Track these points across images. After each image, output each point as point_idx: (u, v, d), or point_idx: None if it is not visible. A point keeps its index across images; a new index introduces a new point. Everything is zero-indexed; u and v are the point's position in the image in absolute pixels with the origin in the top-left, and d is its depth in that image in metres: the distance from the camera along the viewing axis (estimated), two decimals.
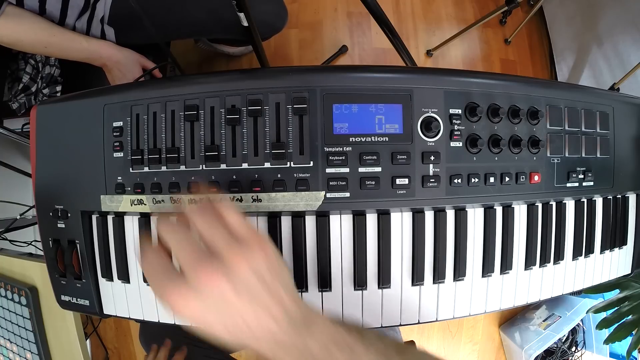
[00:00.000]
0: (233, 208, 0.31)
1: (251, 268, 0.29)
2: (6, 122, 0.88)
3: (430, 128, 0.42)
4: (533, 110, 0.45)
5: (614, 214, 0.55)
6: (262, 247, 0.30)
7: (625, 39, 1.17)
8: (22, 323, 0.64)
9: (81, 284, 0.48)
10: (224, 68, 1.31)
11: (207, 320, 0.28)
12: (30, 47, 0.67)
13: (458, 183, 0.43)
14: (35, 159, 0.47)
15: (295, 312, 0.30)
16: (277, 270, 0.31)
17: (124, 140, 0.43)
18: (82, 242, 0.47)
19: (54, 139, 0.46)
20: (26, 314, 0.63)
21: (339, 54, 1.33)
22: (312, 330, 0.30)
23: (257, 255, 0.30)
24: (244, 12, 0.57)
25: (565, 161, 0.48)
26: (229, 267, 0.28)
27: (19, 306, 0.64)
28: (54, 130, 0.46)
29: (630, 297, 0.78)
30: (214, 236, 0.29)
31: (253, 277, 0.29)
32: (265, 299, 0.29)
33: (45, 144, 0.47)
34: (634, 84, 1.15)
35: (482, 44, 1.44)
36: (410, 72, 0.46)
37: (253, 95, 0.41)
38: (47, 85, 0.82)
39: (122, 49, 0.75)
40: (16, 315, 0.65)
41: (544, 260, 0.49)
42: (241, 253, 0.29)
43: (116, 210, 0.45)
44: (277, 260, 0.31)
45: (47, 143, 0.47)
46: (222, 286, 0.28)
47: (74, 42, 0.69)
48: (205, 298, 0.27)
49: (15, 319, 0.65)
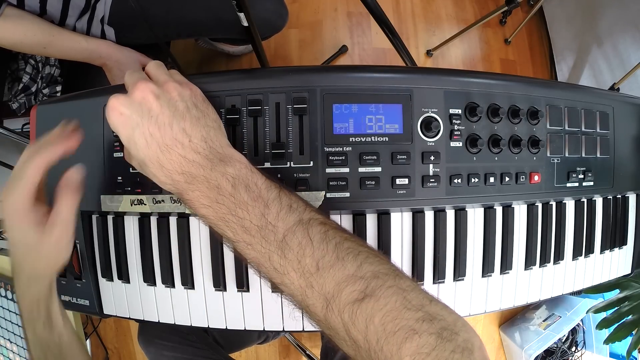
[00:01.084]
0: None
1: (181, 95, 0.33)
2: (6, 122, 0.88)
3: (430, 128, 0.42)
4: (533, 110, 0.45)
5: (614, 214, 0.55)
6: (196, 89, 0.35)
7: (625, 39, 1.17)
8: (22, 323, 0.64)
9: (81, 284, 0.48)
10: (224, 67, 1.31)
11: (131, 128, 0.31)
12: (29, 48, 0.67)
13: (458, 183, 0.43)
14: None
15: (215, 148, 0.32)
16: (206, 112, 0.34)
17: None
18: (82, 242, 0.47)
19: None
20: None
21: (339, 54, 1.33)
22: (226, 168, 0.31)
23: (191, 91, 0.34)
24: (243, 12, 0.57)
25: (565, 161, 0.48)
26: (161, 88, 0.32)
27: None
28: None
29: (630, 297, 0.78)
30: (159, 75, 0.34)
31: (181, 102, 0.32)
32: (186, 123, 0.32)
33: None
34: (634, 84, 1.15)
35: (482, 44, 1.44)
36: (410, 72, 0.46)
37: (253, 95, 0.41)
38: (47, 85, 0.82)
39: (121, 47, 0.75)
40: (16, 316, 0.65)
41: (544, 260, 0.49)
42: (177, 85, 0.33)
43: (116, 210, 0.45)
44: (207, 106, 0.35)
45: None
46: (149, 97, 0.31)
47: (73, 42, 0.69)
48: (133, 103, 0.31)
49: (16, 319, 0.65)
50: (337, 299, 0.25)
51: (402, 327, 0.24)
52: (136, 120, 0.31)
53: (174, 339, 0.63)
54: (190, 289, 0.45)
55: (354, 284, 0.26)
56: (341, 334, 0.25)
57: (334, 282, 0.26)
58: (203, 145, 0.32)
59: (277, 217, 0.29)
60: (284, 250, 0.28)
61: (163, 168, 0.31)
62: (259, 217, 0.29)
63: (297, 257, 0.27)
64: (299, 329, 0.44)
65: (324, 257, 0.27)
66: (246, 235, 0.29)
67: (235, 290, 0.44)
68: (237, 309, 0.44)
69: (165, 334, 0.63)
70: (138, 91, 0.32)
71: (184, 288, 0.45)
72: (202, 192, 0.30)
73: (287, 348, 1.28)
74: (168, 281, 0.45)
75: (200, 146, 0.31)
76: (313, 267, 0.27)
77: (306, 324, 0.44)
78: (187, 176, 0.31)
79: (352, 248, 0.28)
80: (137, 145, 0.31)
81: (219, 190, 0.30)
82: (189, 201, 0.31)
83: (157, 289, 0.46)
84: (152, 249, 0.45)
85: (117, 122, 0.32)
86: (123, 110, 0.31)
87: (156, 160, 0.31)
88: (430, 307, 0.25)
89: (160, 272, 0.45)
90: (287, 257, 0.27)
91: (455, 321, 0.25)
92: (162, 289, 0.46)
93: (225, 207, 0.30)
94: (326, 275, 0.26)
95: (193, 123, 0.32)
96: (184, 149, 0.31)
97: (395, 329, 0.24)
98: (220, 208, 0.30)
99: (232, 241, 0.30)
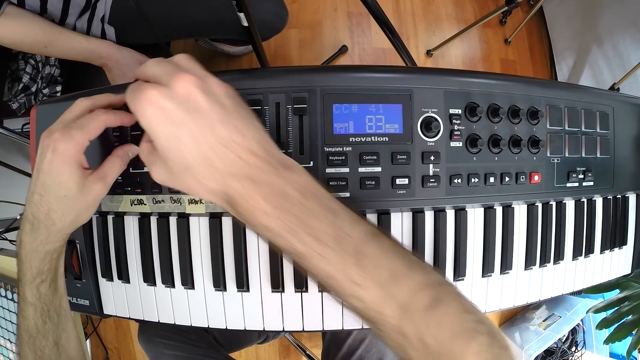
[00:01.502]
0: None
1: (225, 91, 0.29)
2: (6, 122, 0.88)
3: (430, 128, 0.42)
4: (533, 110, 0.45)
5: (614, 214, 0.55)
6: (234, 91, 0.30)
7: (625, 39, 1.17)
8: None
9: (81, 284, 0.48)
10: (224, 67, 1.32)
11: (176, 126, 0.27)
12: (30, 47, 0.67)
13: (458, 183, 0.43)
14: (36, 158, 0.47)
15: (271, 152, 0.29)
16: (250, 112, 0.30)
17: (124, 140, 0.43)
18: (82, 242, 0.47)
19: None
20: None
21: (339, 54, 1.33)
22: (291, 173, 0.28)
23: (231, 88, 0.30)
24: (243, 12, 0.57)
25: (565, 161, 0.48)
26: (203, 78, 0.28)
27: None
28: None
29: (630, 297, 0.78)
30: (193, 68, 0.30)
31: (226, 99, 0.29)
32: (238, 121, 0.28)
33: None
34: (634, 84, 1.15)
35: (482, 44, 1.44)
36: (410, 72, 0.46)
37: (253, 95, 0.41)
38: (47, 85, 0.82)
39: (122, 48, 0.75)
40: (16, 316, 0.65)
41: (544, 260, 0.49)
42: (217, 80, 0.29)
43: (116, 210, 0.45)
44: (247, 106, 0.31)
45: None
46: (195, 90, 0.27)
47: (74, 41, 0.69)
48: (176, 96, 0.27)
49: (16, 319, 0.65)
50: (411, 307, 0.26)
51: (465, 328, 0.26)
52: (181, 117, 0.27)
53: (175, 338, 0.63)
54: (190, 289, 0.45)
55: (425, 291, 0.27)
56: (411, 338, 0.26)
57: (408, 290, 0.27)
58: (259, 147, 0.28)
59: (350, 227, 0.28)
60: (361, 261, 0.27)
61: (214, 171, 0.27)
62: (332, 227, 0.27)
63: (374, 267, 0.27)
64: (299, 329, 0.44)
65: (396, 267, 0.27)
66: (320, 246, 0.27)
67: (235, 290, 0.44)
68: (237, 309, 0.44)
69: (165, 332, 0.63)
70: (181, 83, 0.27)
71: (184, 288, 0.45)
72: (265, 199, 0.27)
73: (287, 348, 1.28)
74: (168, 281, 0.45)
75: (256, 148, 0.28)
76: (389, 277, 0.27)
77: (306, 324, 0.44)
78: (245, 181, 0.27)
79: (414, 258, 0.29)
80: (183, 145, 0.27)
81: (286, 198, 0.27)
82: (247, 210, 0.28)
83: (157, 289, 0.46)
84: (152, 249, 0.45)
85: (155, 118, 0.27)
86: (165, 104, 0.27)
87: (207, 161, 0.27)
88: (477, 310, 0.28)
89: (160, 272, 0.45)
90: (364, 268, 0.27)
91: (491, 322, 0.28)
92: (162, 289, 0.46)
93: (293, 216, 0.27)
94: (402, 284, 0.27)
95: (245, 122, 0.28)
96: (241, 150, 0.27)
97: (460, 330, 0.26)
98: (287, 217, 0.27)
99: (300, 254, 0.27)
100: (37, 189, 0.35)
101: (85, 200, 0.36)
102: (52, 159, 0.34)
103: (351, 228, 0.27)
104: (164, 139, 0.27)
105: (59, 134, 0.34)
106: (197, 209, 0.43)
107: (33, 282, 0.37)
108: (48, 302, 0.38)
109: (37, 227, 0.36)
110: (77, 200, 0.36)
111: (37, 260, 0.37)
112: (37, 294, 0.37)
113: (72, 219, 0.37)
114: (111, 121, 0.36)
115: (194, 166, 0.27)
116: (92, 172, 0.37)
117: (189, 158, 0.27)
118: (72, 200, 0.36)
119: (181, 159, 0.27)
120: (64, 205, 0.36)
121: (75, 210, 0.37)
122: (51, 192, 0.35)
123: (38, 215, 0.36)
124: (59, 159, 0.34)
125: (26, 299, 0.38)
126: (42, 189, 0.35)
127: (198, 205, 0.42)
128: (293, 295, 0.44)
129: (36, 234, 0.36)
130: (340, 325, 0.44)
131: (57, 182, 0.35)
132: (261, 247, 0.43)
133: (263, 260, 0.43)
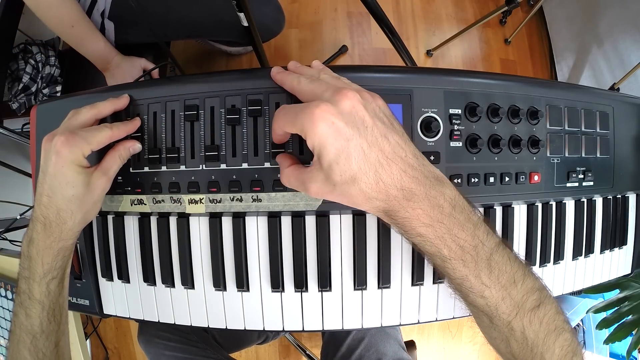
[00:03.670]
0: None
1: (380, 106, 0.32)
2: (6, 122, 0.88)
3: (430, 128, 0.42)
4: (533, 110, 0.45)
5: (614, 213, 0.55)
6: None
7: (625, 39, 1.17)
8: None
9: (81, 284, 0.48)
10: (224, 67, 1.32)
11: (346, 141, 0.29)
12: (58, 21, 0.67)
13: (458, 183, 0.43)
14: (36, 158, 0.47)
15: (426, 165, 0.32)
16: (401, 126, 0.33)
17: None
18: (82, 241, 0.47)
19: None
20: None
21: (339, 54, 1.33)
22: (443, 187, 0.31)
23: (382, 101, 0.33)
24: (243, 12, 0.57)
25: (565, 161, 0.48)
26: (360, 93, 0.31)
27: None
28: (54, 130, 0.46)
29: (630, 297, 0.78)
30: (342, 83, 0.34)
31: (383, 114, 0.32)
32: (397, 136, 0.31)
33: None
34: (634, 84, 1.15)
35: (482, 44, 1.44)
36: (410, 72, 0.46)
37: (253, 95, 0.41)
38: (47, 85, 0.82)
39: (129, 58, 0.75)
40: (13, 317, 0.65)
41: (544, 260, 0.49)
42: (370, 95, 0.32)
43: (116, 210, 0.45)
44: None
45: None
46: (359, 106, 0.30)
47: (94, 35, 0.70)
48: (343, 113, 0.30)
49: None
50: (523, 307, 0.31)
51: (557, 326, 0.32)
52: (350, 132, 0.29)
53: (174, 339, 0.63)
54: (190, 288, 0.45)
55: (534, 294, 0.32)
56: (517, 331, 0.32)
57: (522, 293, 0.32)
58: (416, 161, 0.31)
59: (486, 238, 0.32)
60: (491, 266, 0.31)
61: (380, 183, 0.30)
62: (472, 237, 0.31)
63: (501, 272, 0.31)
64: (299, 329, 0.44)
65: (517, 273, 0.32)
66: (462, 253, 0.31)
67: (235, 290, 0.44)
68: (237, 309, 0.44)
69: (165, 333, 0.63)
70: (347, 100, 0.30)
71: (184, 288, 0.45)
72: (424, 211, 0.30)
73: (287, 348, 1.28)
74: (168, 281, 0.45)
75: (414, 161, 0.31)
76: (509, 281, 0.32)
77: (306, 324, 0.44)
78: (407, 192, 0.30)
79: (526, 266, 0.33)
80: (352, 158, 0.29)
81: (440, 210, 0.30)
82: (406, 219, 0.31)
83: (157, 288, 0.46)
84: (152, 249, 0.45)
85: (327, 133, 0.29)
86: (335, 121, 0.29)
87: (374, 173, 0.30)
88: (565, 312, 0.33)
89: (160, 272, 0.45)
90: (493, 273, 0.31)
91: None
92: (162, 289, 0.46)
93: (445, 226, 0.30)
94: (519, 287, 0.32)
95: (402, 137, 0.31)
96: (404, 163, 0.30)
97: (554, 328, 0.32)
98: (440, 227, 0.30)
99: (445, 258, 0.31)
100: (45, 191, 0.36)
101: (93, 197, 0.38)
102: (56, 161, 0.35)
103: (486, 238, 0.32)
104: (333, 153, 0.29)
105: (64, 138, 0.35)
106: (197, 208, 0.43)
107: (44, 279, 0.38)
108: (55, 300, 0.39)
109: (49, 226, 0.37)
110: (85, 198, 0.37)
111: (50, 256, 0.37)
112: (46, 291, 0.38)
113: (82, 216, 0.38)
114: (116, 136, 0.40)
115: (360, 178, 0.30)
116: (94, 169, 0.39)
117: (356, 170, 0.29)
118: (81, 199, 0.37)
119: (349, 172, 0.30)
120: (72, 205, 0.37)
121: (84, 208, 0.38)
122: (59, 193, 0.36)
123: (48, 215, 0.37)
124: (64, 162, 0.35)
125: (33, 297, 0.38)
126: (49, 190, 0.36)
127: (198, 205, 0.42)
128: (293, 295, 0.44)
129: (49, 231, 0.37)
130: (340, 325, 0.44)
131: (64, 183, 0.36)
132: (261, 247, 0.43)
133: (263, 260, 0.44)
